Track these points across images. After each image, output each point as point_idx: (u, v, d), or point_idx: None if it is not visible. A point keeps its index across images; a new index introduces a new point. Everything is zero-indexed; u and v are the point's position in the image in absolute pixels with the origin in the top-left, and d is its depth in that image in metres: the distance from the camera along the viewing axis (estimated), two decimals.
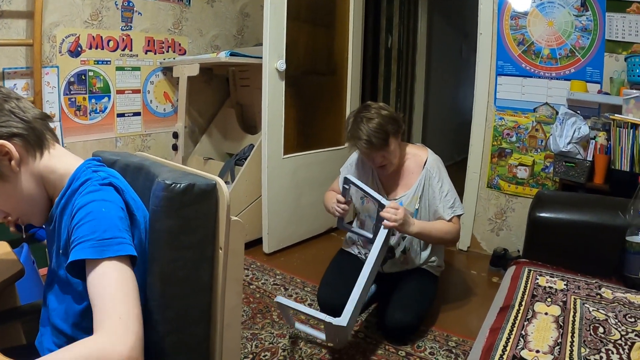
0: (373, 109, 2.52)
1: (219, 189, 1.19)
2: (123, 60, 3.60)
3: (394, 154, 2.58)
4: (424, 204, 2.68)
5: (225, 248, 1.18)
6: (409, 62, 5.99)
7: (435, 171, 2.66)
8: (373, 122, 2.45)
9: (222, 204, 1.19)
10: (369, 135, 2.44)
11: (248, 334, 2.60)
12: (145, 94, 3.78)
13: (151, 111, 3.84)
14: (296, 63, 3.65)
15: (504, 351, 1.53)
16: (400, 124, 2.58)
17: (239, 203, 3.62)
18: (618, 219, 2.19)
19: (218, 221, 1.20)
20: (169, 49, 3.88)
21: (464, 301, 3.10)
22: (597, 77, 3.22)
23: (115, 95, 3.60)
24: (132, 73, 3.68)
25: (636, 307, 1.83)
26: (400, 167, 2.72)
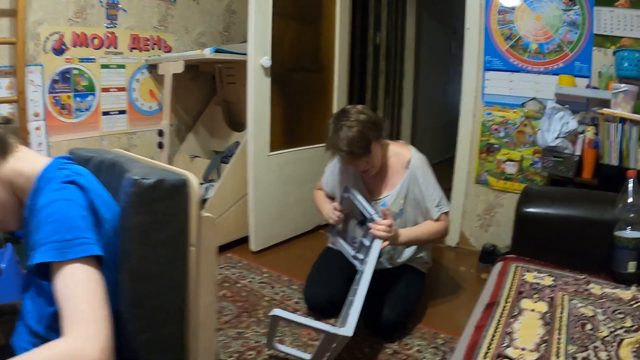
0: (352, 115, 2.44)
1: (189, 184, 1.15)
2: (108, 58, 3.54)
3: (377, 158, 2.54)
4: (409, 204, 2.64)
5: (198, 245, 1.14)
6: (398, 59, 5.97)
7: (420, 171, 2.60)
8: (353, 130, 2.38)
9: (193, 200, 1.15)
10: (350, 145, 2.38)
11: (233, 332, 2.55)
12: (131, 91, 3.73)
13: (137, 109, 3.78)
14: (282, 60, 3.61)
15: (488, 349, 1.49)
16: (381, 127, 2.52)
17: (225, 201, 3.57)
18: (606, 214, 2.16)
19: (189, 218, 1.15)
20: (155, 47, 3.82)
21: (453, 298, 3.07)
22: (586, 71, 3.19)
23: (100, 94, 3.54)
24: (117, 71, 3.62)
25: (625, 303, 1.79)
26: (384, 167, 2.66)
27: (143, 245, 1.13)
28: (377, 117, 2.53)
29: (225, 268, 3.32)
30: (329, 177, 2.83)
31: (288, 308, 2.84)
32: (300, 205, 3.69)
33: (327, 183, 2.84)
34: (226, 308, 2.80)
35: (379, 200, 2.64)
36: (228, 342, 2.46)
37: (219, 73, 4.22)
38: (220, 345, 2.42)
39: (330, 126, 2.48)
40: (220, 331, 2.54)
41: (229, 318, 2.70)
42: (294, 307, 2.85)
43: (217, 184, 3.51)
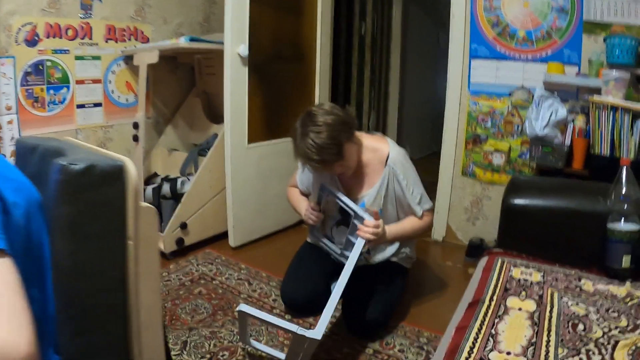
0: (319, 118, 2.20)
1: (126, 171, 1.01)
2: (82, 49, 3.41)
3: (352, 158, 2.36)
4: (389, 202, 2.50)
5: (135, 239, 1.01)
6: (384, 50, 5.89)
7: (399, 166, 2.44)
8: (322, 136, 2.15)
9: (130, 188, 1.01)
10: (320, 153, 2.18)
11: (207, 332, 2.45)
12: (107, 83, 3.61)
13: (113, 102, 3.66)
14: (261, 49, 3.49)
15: (470, 353, 1.36)
16: (352, 125, 2.32)
17: (203, 195, 3.47)
18: (599, 205, 2.05)
19: (126, 208, 1.02)
20: (131, 38, 3.69)
21: (438, 294, 2.98)
22: (575, 59, 3.10)
23: (74, 86, 3.41)
24: (93, 62, 3.50)
25: (619, 301, 1.68)
26: (361, 165, 2.49)
27: (73, 239, 1.00)
28: (347, 115, 2.32)
29: (203, 264, 3.22)
30: (302, 174, 2.67)
31: (265, 306, 2.74)
32: (281, 198, 3.55)
33: (302, 181, 2.69)
34: (201, 306, 2.71)
35: (357, 200, 2.49)
36: (201, 342, 2.37)
37: (198, 64, 4.11)
38: (193, 345, 2.32)
39: (297, 131, 2.25)
40: (193, 330, 2.45)
41: (203, 317, 2.60)
42: (271, 305, 2.75)
43: (194, 178, 3.38)
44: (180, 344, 2.33)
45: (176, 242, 3.30)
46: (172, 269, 3.12)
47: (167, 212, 3.34)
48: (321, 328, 1.96)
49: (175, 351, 2.27)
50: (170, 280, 2.96)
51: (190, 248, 3.42)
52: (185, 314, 2.60)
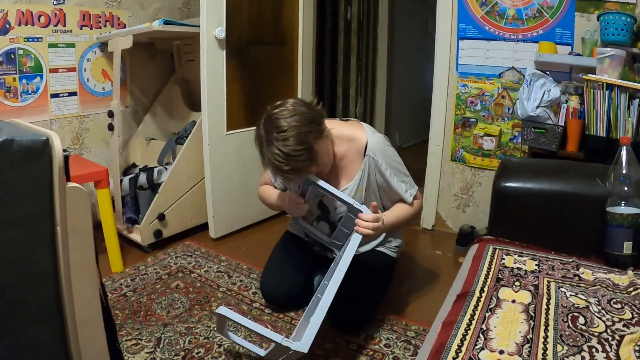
0: (282, 123, 1.98)
1: (51, 147, 0.86)
2: (56, 36, 3.28)
3: (326, 155, 2.17)
4: (372, 194, 2.35)
5: (64, 224, 0.86)
6: (370, 35, 5.78)
7: (380, 155, 2.28)
8: (288, 143, 1.95)
9: (56, 167, 0.86)
10: (289, 161, 1.97)
11: (182, 328, 2.34)
12: (82, 72, 3.49)
13: (89, 90, 3.54)
14: (239, 31, 3.37)
15: (457, 353, 1.22)
16: (320, 119, 2.11)
17: (181, 185, 3.35)
18: (597, 188, 1.94)
19: (53, 190, 0.87)
20: (107, 24, 3.56)
21: (427, 285, 2.88)
22: (568, 38, 2.99)
23: (48, 75, 3.30)
24: (67, 50, 3.37)
25: (622, 290, 1.55)
26: (337, 158, 2.32)
27: None
28: (312, 110, 2.10)
29: (182, 257, 3.11)
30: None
31: (245, 299, 2.63)
32: None
33: (276, 178, 2.51)
34: (177, 301, 2.59)
35: None
36: (176, 339, 2.25)
37: (177, 51, 3.98)
38: (167, 342, 2.21)
39: (261, 138, 2.05)
40: (167, 326, 2.34)
41: (179, 312, 2.49)
42: (251, 299, 2.63)
43: (171, 168, 3.26)
44: (154, 341, 2.22)
45: (154, 234, 3.18)
46: (149, 262, 3.02)
47: (145, 203, 3.22)
48: (308, 340, 1.83)
49: (149, 348, 2.16)
50: (147, 274, 2.85)
51: (169, 240, 3.31)
52: (161, 309, 2.49)
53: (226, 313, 1.94)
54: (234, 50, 3.33)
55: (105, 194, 2.85)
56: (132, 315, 2.41)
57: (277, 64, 3.82)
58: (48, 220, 0.89)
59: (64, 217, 0.88)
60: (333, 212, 2.35)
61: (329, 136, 2.18)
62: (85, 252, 0.93)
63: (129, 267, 2.93)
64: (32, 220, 0.88)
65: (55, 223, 0.89)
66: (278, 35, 3.80)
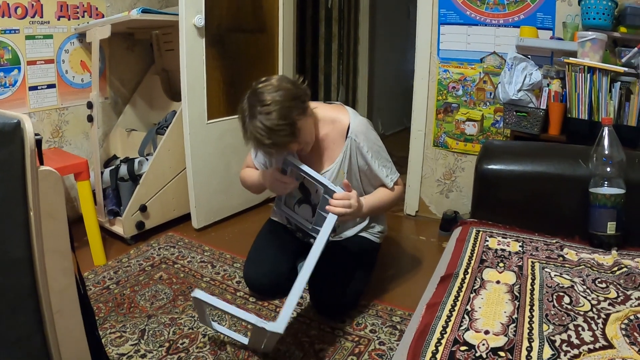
0: (267, 97, 1.97)
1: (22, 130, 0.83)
2: (33, 28, 3.22)
3: (308, 134, 2.15)
4: (353, 176, 2.33)
5: (37, 209, 0.83)
6: (351, 23, 5.75)
7: (362, 137, 2.26)
8: (271, 117, 1.93)
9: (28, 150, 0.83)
10: (272, 136, 1.97)
11: (166, 319, 2.32)
12: (60, 63, 3.43)
13: (67, 82, 3.48)
14: (219, 19, 3.33)
15: (442, 334, 1.21)
16: (304, 98, 2.09)
17: (163, 176, 3.31)
18: (579, 169, 1.95)
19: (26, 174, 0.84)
20: (85, 14, 3.50)
21: (411, 270, 2.87)
22: (549, 23, 2.98)
23: (26, 67, 3.23)
24: (44, 42, 3.31)
25: (606, 270, 1.55)
26: (319, 139, 2.30)
27: None
28: (297, 87, 2.09)
29: (164, 248, 3.08)
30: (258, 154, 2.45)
31: (229, 289, 2.61)
32: None
33: (259, 159, 2.47)
34: (161, 292, 2.57)
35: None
36: (160, 330, 2.23)
37: (156, 40, 3.93)
38: (151, 334, 2.19)
39: (244, 112, 2.04)
40: (151, 318, 2.32)
41: (163, 303, 2.47)
42: (235, 288, 2.61)
43: (152, 158, 3.23)
44: (138, 333, 2.19)
45: (136, 225, 3.15)
46: (132, 254, 2.98)
47: (126, 195, 3.19)
48: (283, 321, 1.80)
49: (133, 340, 2.14)
50: (130, 266, 2.82)
51: (151, 231, 3.28)
52: (145, 301, 2.47)
53: (202, 296, 1.91)
54: (214, 38, 3.29)
55: (86, 187, 2.81)
56: (116, 308, 2.39)
57: (257, 52, 3.78)
58: (21, 205, 0.86)
59: (36, 202, 0.85)
60: (314, 195, 2.33)
61: (312, 115, 2.16)
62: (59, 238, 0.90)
63: (111, 259, 2.90)
64: (5, 205, 0.85)
65: (28, 208, 0.87)
66: (258, 23, 3.75)
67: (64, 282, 0.94)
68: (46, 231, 0.88)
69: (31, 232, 0.88)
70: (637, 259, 1.66)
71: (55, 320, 0.94)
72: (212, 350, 2.09)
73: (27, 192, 0.86)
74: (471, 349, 1.18)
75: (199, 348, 2.10)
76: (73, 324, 1.00)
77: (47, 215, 0.87)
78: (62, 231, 0.91)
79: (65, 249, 0.92)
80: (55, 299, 0.93)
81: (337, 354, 2.08)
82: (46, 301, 0.92)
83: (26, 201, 0.86)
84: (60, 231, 0.90)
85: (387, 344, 2.14)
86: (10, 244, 0.87)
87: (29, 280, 0.92)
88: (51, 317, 0.93)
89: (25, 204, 0.86)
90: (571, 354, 1.14)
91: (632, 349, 1.17)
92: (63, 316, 0.95)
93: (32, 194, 0.84)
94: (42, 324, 0.96)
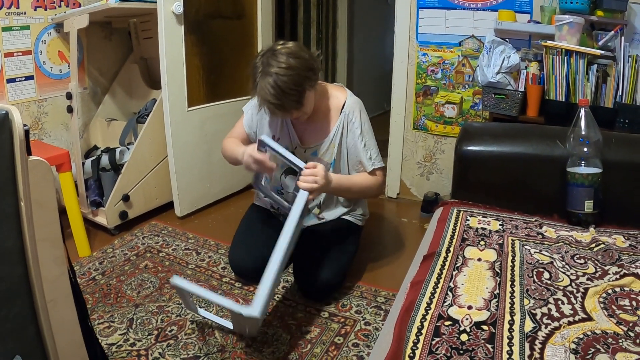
0: (282, 59, 2.02)
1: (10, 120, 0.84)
2: (9, 19, 3.18)
3: (309, 105, 2.21)
4: (342, 153, 2.37)
5: (27, 199, 0.84)
6: (330, 7, 5.75)
7: (355, 115, 2.32)
8: (284, 79, 1.99)
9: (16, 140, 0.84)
10: (280, 98, 2.02)
11: (154, 307, 2.33)
12: (37, 54, 3.39)
13: (45, 73, 3.45)
14: (197, 6, 3.32)
15: (427, 310, 1.24)
16: (316, 71, 2.16)
17: (144, 165, 3.30)
18: (557, 149, 1.98)
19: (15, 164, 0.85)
20: (62, 4, 3.46)
21: (394, 252, 2.90)
22: (527, 6, 3.02)
23: (3, 59, 3.19)
24: (21, 33, 3.27)
25: (584, 247, 1.59)
26: (317, 112, 2.34)
27: None
28: (312, 59, 2.16)
29: (149, 237, 3.08)
30: (251, 120, 2.49)
31: (214, 275, 2.62)
32: (227, 163, 3.43)
33: (250, 125, 2.50)
34: (147, 280, 2.57)
35: (310, 149, 2.37)
36: (148, 318, 2.24)
37: (134, 28, 3.90)
38: (139, 322, 2.20)
39: (258, 69, 2.07)
40: (139, 307, 2.33)
41: (150, 291, 2.48)
42: (220, 274, 2.63)
43: (133, 147, 3.21)
44: (127, 322, 2.20)
45: (119, 215, 3.14)
46: (116, 244, 2.98)
47: (108, 185, 3.17)
48: (259, 304, 1.76)
49: (121, 330, 2.15)
50: (115, 256, 2.82)
51: (135, 221, 3.27)
52: (131, 290, 2.47)
53: (179, 282, 1.90)
54: (193, 25, 3.27)
55: (68, 178, 2.79)
56: (103, 298, 2.39)
57: (236, 38, 3.78)
58: (11, 196, 0.87)
59: (27, 192, 0.86)
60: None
61: (316, 90, 2.23)
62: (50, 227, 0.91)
63: (96, 250, 2.89)
64: None
65: (18, 198, 0.88)
66: (237, 9, 3.74)
67: (57, 271, 0.95)
68: (37, 220, 0.88)
69: (22, 222, 0.88)
70: (614, 236, 1.70)
71: (49, 309, 0.94)
72: (200, 336, 2.11)
73: (17, 182, 0.86)
74: (455, 323, 1.21)
75: (187, 334, 2.12)
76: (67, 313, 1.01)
77: (38, 204, 0.88)
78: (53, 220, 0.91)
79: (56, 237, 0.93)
80: (48, 288, 0.94)
81: (324, 336, 2.11)
82: (39, 291, 0.93)
83: (16, 191, 0.87)
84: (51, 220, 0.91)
85: (372, 324, 2.17)
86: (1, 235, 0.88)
87: (22, 270, 0.92)
88: (45, 307, 0.94)
89: (15, 194, 0.87)
90: (552, 327, 1.18)
91: (610, 320, 1.20)
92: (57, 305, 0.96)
93: (22, 184, 0.85)
94: (36, 315, 0.96)
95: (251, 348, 2.03)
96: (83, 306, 1.38)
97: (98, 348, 1.60)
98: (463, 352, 1.11)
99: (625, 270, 1.41)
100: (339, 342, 2.07)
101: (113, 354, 2.00)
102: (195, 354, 2.00)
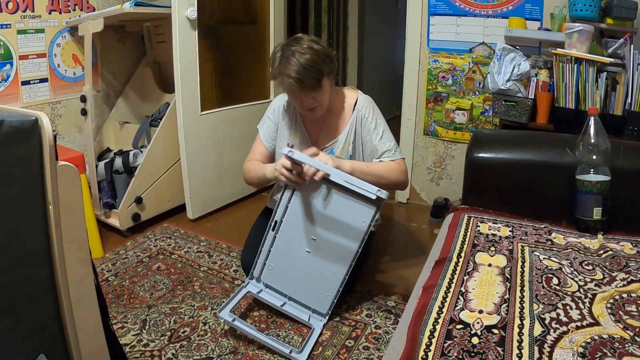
0: (305, 42, 2.15)
1: (40, 126, 0.87)
2: (25, 22, 3.22)
3: (326, 96, 2.26)
4: (357, 149, 2.40)
5: (56, 202, 0.88)
6: (341, 13, 5.76)
7: (368, 111, 2.37)
8: (305, 57, 2.10)
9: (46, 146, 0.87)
10: (300, 73, 2.08)
11: (167, 308, 2.36)
12: (52, 57, 3.42)
13: (60, 76, 3.48)
14: (210, 11, 3.35)
15: (439, 314, 1.27)
16: (334, 63, 2.25)
17: (157, 167, 3.34)
18: (566, 157, 1.99)
19: (44, 169, 0.88)
20: (76, 8, 3.50)
21: (404, 257, 2.92)
22: (537, 14, 3.03)
23: (18, 62, 3.22)
24: (36, 36, 3.31)
25: (593, 253, 1.61)
26: (330, 111, 2.40)
27: None
28: (331, 52, 2.26)
29: (161, 239, 3.11)
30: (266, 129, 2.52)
31: (226, 277, 2.65)
32: (238, 167, 3.43)
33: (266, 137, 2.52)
34: (160, 282, 2.60)
35: (326, 149, 2.40)
36: (161, 319, 2.27)
37: (147, 32, 3.93)
38: (153, 323, 2.23)
39: (278, 54, 2.17)
40: (152, 308, 2.36)
41: (162, 293, 2.51)
42: (232, 276, 2.66)
43: (146, 150, 3.25)
44: (140, 323, 2.23)
45: (132, 217, 3.17)
46: (129, 245, 3.01)
47: (121, 187, 3.20)
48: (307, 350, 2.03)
49: (135, 331, 2.18)
50: (128, 258, 2.85)
51: (147, 223, 3.30)
52: (144, 292, 2.50)
53: (231, 320, 2.09)
54: (206, 30, 3.31)
55: (82, 180, 2.82)
56: (116, 299, 2.42)
57: (249, 43, 3.80)
58: (39, 200, 0.89)
59: (55, 196, 0.89)
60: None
61: (332, 86, 2.31)
62: (77, 229, 0.94)
63: (109, 252, 2.92)
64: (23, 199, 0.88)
65: (46, 202, 0.90)
66: (249, 15, 3.78)
67: (82, 272, 0.98)
68: (65, 223, 0.91)
69: (50, 225, 0.91)
70: (622, 243, 1.72)
71: (74, 309, 0.97)
72: (213, 338, 2.14)
73: (45, 186, 0.89)
74: (467, 327, 1.23)
75: (200, 336, 2.15)
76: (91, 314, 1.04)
77: (66, 208, 0.91)
78: (80, 223, 0.94)
79: (82, 240, 0.96)
80: (73, 289, 0.96)
81: (335, 338, 2.13)
82: (65, 291, 0.95)
83: (44, 195, 0.89)
84: (77, 223, 0.94)
85: (382, 327, 2.20)
86: (29, 237, 0.91)
87: (48, 271, 0.95)
88: (70, 307, 0.96)
89: (44, 198, 0.89)
90: (560, 331, 1.20)
91: (617, 325, 1.23)
92: (81, 305, 0.98)
93: (50, 188, 0.88)
94: (60, 314, 0.99)
95: (263, 350, 2.06)
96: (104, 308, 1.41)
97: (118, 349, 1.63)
98: (474, 354, 1.14)
99: (632, 277, 1.44)
100: (349, 345, 2.09)
101: (127, 354, 2.01)
102: (208, 355, 2.03)
